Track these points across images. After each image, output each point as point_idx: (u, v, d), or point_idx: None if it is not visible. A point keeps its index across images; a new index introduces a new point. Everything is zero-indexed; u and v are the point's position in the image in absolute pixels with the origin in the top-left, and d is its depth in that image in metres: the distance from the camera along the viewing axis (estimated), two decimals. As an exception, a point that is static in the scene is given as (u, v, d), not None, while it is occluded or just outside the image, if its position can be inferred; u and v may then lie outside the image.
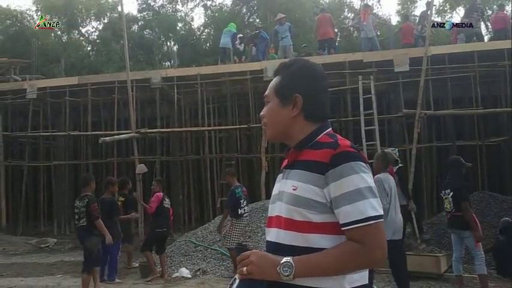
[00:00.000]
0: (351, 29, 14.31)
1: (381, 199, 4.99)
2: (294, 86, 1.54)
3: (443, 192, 5.89)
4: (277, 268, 1.37)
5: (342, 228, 1.39)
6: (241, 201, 6.94)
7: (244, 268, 1.40)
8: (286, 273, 1.35)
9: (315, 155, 1.45)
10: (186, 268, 7.44)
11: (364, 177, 1.39)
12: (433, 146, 11.04)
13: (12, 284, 7.10)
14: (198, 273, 7.31)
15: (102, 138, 10.65)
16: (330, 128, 1.56)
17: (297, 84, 1.54)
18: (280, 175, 1.59)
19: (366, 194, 1.37)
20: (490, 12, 20.16)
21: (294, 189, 1.45)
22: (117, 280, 7.18)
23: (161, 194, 7.47)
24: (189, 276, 7.20)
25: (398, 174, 7.73)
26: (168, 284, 6.86)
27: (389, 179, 5.32)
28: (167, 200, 7.59)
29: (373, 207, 1.37)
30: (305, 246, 1.40)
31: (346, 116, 11.23)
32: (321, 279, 1.37)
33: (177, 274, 7.30)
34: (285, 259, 1.37)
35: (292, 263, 1.36)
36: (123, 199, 7.89)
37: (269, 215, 1.60)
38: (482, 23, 14.33)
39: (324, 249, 1.39)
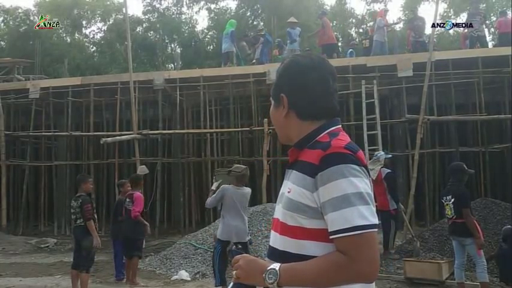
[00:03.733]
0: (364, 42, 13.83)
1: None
2: (280, 85, 1.50)
3: (444, 198, 5.84)
4: (263, 274, 1.33)
5: (330, 237, 1.28)
6: None
7: (234, 272, 1.40)
8: (271, 281, 1.31)
9: (308, 156, 1.36)
10: (186, 271, 7.42)
11: (353, 182, 1.26)
12: (436, 151, 10.98)
13: (11, 284, 7.07)
14: (197, 276, 7.29)
15: (103, 139, 10.64)
16: (337, 126, 1.44)
17: (282, 84, 1.49)
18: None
19: (354, 201, 1.25)
20: (494, 18, 20.15)
21: (288, 192, 1.39)
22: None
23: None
24: (188, 279, 7.18)
25: (387, 181, 7.68)
26: (167, 287, 6.83)
27: (227, 189, 5.42)
28: (128, 200, 7.10)
29: (361, 215, 1.25)
30: (297, 253, 1.34)
31: (348, 120, 11.16)
32: None
33: (176, 277, 7.27)
34: (271, 266, 1.33)
35: (277, 271, 1.31)
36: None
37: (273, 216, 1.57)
38: (486, 29, 14.20)
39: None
